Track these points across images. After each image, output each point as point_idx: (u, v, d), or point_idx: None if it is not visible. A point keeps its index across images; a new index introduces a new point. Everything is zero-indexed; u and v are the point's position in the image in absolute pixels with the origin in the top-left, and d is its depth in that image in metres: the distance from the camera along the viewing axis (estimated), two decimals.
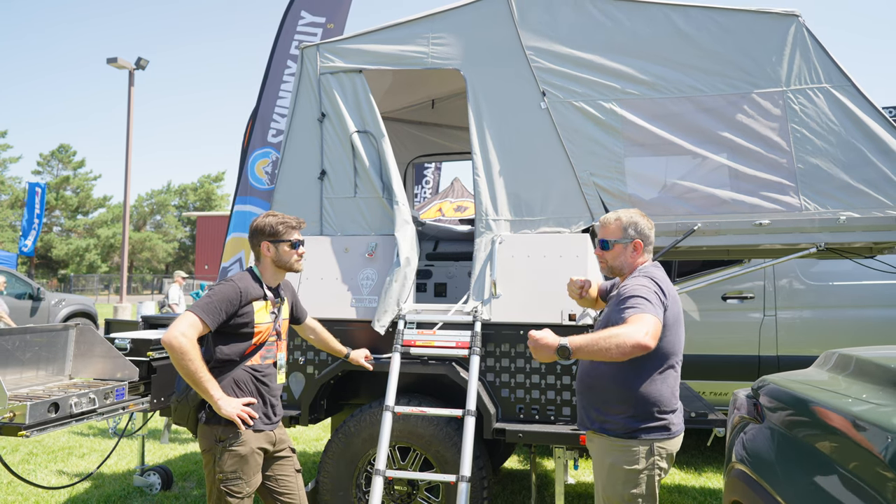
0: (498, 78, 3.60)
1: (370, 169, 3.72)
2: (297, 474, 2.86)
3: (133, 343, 3.58)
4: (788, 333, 5.29)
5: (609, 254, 2.58)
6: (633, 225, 2.55)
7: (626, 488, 2.38)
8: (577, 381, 2.63)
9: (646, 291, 2.34)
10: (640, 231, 2.55)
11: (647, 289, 2.36)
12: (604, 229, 2.61)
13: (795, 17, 3.32)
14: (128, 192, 19.42)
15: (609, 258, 2.59)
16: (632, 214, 2.59)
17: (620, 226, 2.56)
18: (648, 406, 2.38)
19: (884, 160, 3.22)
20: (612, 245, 2.56)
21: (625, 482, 2.38)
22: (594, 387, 2.48)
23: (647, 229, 2.58)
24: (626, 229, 2.55)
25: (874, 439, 1.48)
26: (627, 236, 2.55)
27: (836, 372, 2.17)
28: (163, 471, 4.65)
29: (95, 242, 45.23)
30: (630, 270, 2.56)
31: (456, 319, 3.40)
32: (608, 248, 2.57)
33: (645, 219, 2.60)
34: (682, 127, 3.41)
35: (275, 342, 2.78)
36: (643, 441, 2.38)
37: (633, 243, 2.54)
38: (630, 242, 2.54)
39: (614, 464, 2.41)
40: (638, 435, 2.38)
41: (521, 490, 4.73)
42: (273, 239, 2.74)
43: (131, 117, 19.22)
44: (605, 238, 2.58)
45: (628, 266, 2.56)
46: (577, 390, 2.63)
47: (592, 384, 2.49)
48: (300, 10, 5.74)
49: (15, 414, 2.78)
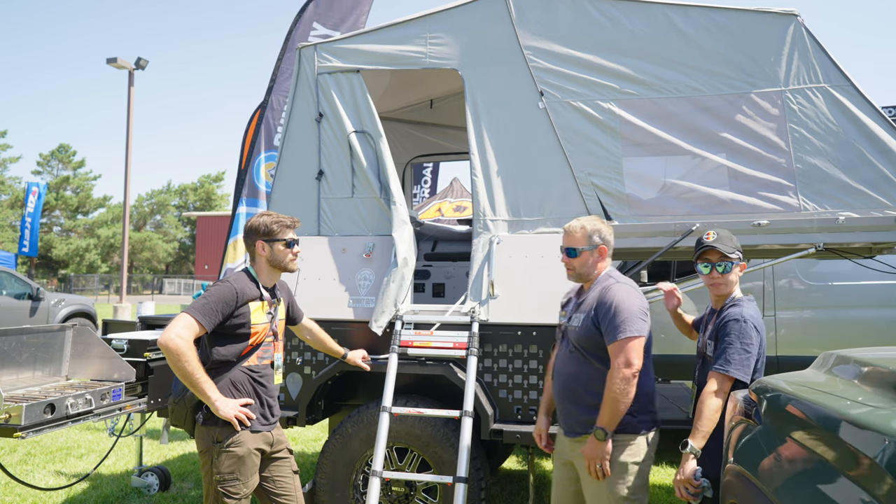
0: (496, 78, 3.59)
1: (368, 169, 3.71)
2: (294, 475, 2.85)
3: (130, 344, 3.58)
4: (788, 334, 5.29)
5: (577, 261, 2.67)
6: (598, 232, 2.66)
7: (632, 481, 2.49)
8: (560, 389, 2.68)
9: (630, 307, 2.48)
10: (603, 237, 2.66)
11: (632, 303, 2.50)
12: (570, 237, 2.69)
13: (794, 16, 3.31)
14: (128, 192, 19.40)
15: (577, 265, 2.68)
16: (594, 222, 2.70)
17: (586, 234, 2.65)
18: (643, 400, 2.52)
19: (883, 160, 3.21)
20: (580, 252, 2.65)
21: (630, 475, 2.49)
22: (581, 391, 2.57)
23: (609, 235, 2.70)
24: (591, 236, 2.65)
25: (871, 442, 1.47)
26: (593, 243, 2.65)
27: (833, 374, 2.16)
28: (161, 471, 4.64)
29: (95, 242, 45.24)
30: (595, 276, 2.67)
31: (453, 320, 3.39)
32: (575, 255, 2.66)
33: (606, 225, 2.72)
34: (680, 127, 3.40)
35: (271, 343, 2.77)
36: (642, 434, 2.53)
37: (599, 249, 2.65)
38: (595, 249, 2.65)
39: (618, 460, 2.49)
40: (638, 429, 2.52)
41: (520, 491, 4.72)
42: (268, 238, 2.73)
43: (131, 117, 19.21)
44: (573, 246, 2.67)
45: (594, 272, 2.67)
46: (562, 398, 2.67)
47: (580, 389, 2.58)
48: (312, 20, 5.72)
49: (11, 415, 2.78)
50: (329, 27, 5.76)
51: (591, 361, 2.56)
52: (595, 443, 2.46)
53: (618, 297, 2.49)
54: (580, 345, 2.58)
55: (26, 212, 20.30)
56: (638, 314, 2.47)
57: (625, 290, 2.53)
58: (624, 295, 2.50)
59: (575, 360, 2.61)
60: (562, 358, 2.69)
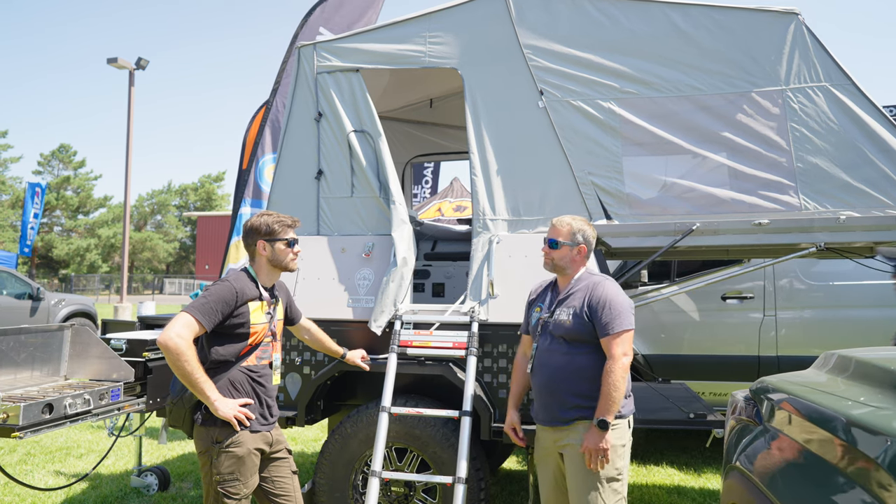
0: (495, 77, 3.58)
1: (367, 168, 3.70)
2: (293, 476, 2.84)
3: (129, 343, 3.57)
4: (788, 334, 5.27)
5: (556, 252, 2.81)
6: (582, 232, 2.81)
7: (618, 462, 2.65)
8: (544, 382, 2.77)
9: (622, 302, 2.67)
10: (586, 238, 2.81)
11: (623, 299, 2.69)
12: (555, 230, 2.83)
13: (795, 15, 3.30)
14: (128, 192, 19.40)
15: (556, 256, 2.82)
16: (581, 223, 2.84)
17: (571, 230, 2.80)
18: (626, 386, 2.69)
19: (884, 159, 3.20)
20: (561, 245, 2.80)
21: (617, 457, 2.64)
22: (573, 380, 2.70)
23: (592, 238, 2.86)
24: (574, 234, 2.80)
25: (873, 443, 1.46)
26: (575, 241, 2.79)
27: (835, 374, 2.15)
28: (160, 471, 4.63)
29: (96, 242, 45.29)
30: (573, 272, 2.83)
31: (453, 320, 3.38)
32: (556, 247, 2.81)
33: (593, 228, 2.88)
34: (680, 126, 3.39)
35: (270, 343, 2.76)
36: (624, 417, 2.69)
37: (579, 248, 2.80)
38: (576, 246, 2.80)
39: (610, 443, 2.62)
40: (623, 413, 2.67)
41: (520, 491, 4.71)
42: (269, 238, 2.72)
43: (131, 117, 19.21)
44: (555, 238, 2.82)
45: (571, 267, 2.82)
46: (542, 389, 2.78)
47: (569, 380, 2.70)
48: (318, 26, 5.68)
49: (8, 415, 2.77)
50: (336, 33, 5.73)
51: (580, 353, 2.69)
52: (597, 434, 2.58)
53: (609, 293, 2.68)
54: (570, 337, 2.70)
55: (30, 212, 20.28)
56: (628, 308, 2.68)
57: (613, 287, 2.73)
58: (615, 291, 2.70)
59: (562, 353, 2.72)
60: (543, 351, 2.78)
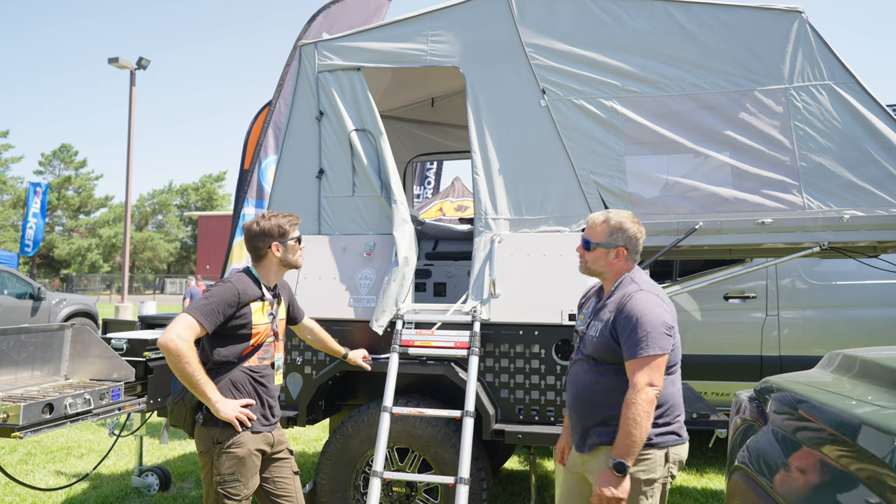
0: (497, 75, 3.57)
1: (368, 168, 3.68)
2: (294, 476, 2.83)
3: (129, 343, 3.56)
4: (791, 333, 5.25)
5: (590, 255, 2.45)
6: (621, 231, 2.40)
7: (643, 498, 2.26)
8: (570, 399, 2.47)
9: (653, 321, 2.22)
10: (627, 238, 2.40)
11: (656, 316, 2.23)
12: (589, 228, 2.47)
13: (798, 13, 3.29)
14: (129, 192, 19.41)
15: (589, 260, 2.46)
16: (622, 219, 2.41)
17: (606, 230, 2.41)
18: (660, 411, 2.29)
19: (888, 158, 3.18)
20: (594, 247, 2.43)
21: (641, 492, 2.26)
22: (598, 402, 2.34)
23: (636, 236, 2.41)
24: (611, 234, 2.40)
25: (878, 442, 1.45)
26: (612, 242, 2.40)
27: (840, 373, 2.14)
28: (161, 471, 4.63)
29: (97, 242, 45.32)
30: (613, 277, 2.43)
31: (455, 319, 3.37)
32: (590, 249, 2.44)
33: (635, 224, 2.42)
34: (683, 125, 3.38)
35: (272, 343, 2.75)
36: (659, 447, 2.28)
37: (617, 250, 2.39)
38: (613, 249, 2.40)
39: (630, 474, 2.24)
40: (655, 442, 2.27)
41: (521, 491, 4.70)
42: (283, 239, 2.72)
43: (133, 117, 19.22)
44: (589, 239, 2.45)
45: (609, 272, 2.43)
46: (573, 410, 2.45)
47: (596, 399, 2.35)
48: (321, 31, 5.68)
49: (8, 415, 2.76)
50: None
51: (606, 372, 2.33)
52: (612, 477, 2.18)
53: (639, 308, 2.23)
54: (596, 355, 2.36)
55: (30, 212, 20.29)
56: (661, 328, 2.21)
57: (647, 301, 2.25)
58: (647, 306, 2.24)
59: (589, 371, 2.39)
60: (574, 366, 2.48)
